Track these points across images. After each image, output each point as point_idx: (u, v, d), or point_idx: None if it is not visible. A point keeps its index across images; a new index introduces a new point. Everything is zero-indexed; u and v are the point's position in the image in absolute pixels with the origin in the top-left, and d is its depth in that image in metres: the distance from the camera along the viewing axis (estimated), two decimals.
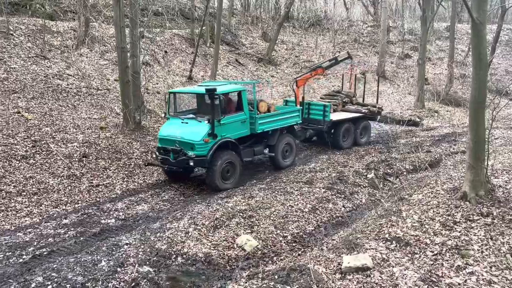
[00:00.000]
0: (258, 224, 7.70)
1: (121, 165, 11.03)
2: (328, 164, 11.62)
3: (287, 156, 11.79)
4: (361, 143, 14.23)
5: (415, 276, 5.34)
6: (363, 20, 35.38)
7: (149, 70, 17.86)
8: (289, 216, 8.14)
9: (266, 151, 11.25)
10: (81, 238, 7.35)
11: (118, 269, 5.99)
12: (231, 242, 7.09)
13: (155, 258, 6.38)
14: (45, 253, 6.74)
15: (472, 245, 5.94)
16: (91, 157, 10.98)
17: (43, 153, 10.56)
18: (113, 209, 8.76)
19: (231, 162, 9.99)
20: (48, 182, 9.57)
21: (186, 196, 9.78)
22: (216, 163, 9.58)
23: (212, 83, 11.72)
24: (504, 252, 5.73)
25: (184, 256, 6.53)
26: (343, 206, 9.03)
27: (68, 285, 5.59)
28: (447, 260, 5.67)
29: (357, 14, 37.97)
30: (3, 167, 9.59)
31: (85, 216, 8.38)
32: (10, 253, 6.75)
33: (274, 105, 12.15)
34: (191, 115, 10.29)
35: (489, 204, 6.88)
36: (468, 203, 6.98)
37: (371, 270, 5.55)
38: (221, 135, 9.78)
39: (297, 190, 9.34)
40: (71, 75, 15.27)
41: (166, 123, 10.42)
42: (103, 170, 10.61)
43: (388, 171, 11.22)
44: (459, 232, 6.29)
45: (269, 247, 7.14)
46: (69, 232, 7.60)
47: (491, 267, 5.46)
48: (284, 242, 7.37)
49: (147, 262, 6.25)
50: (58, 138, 11.39)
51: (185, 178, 10.74)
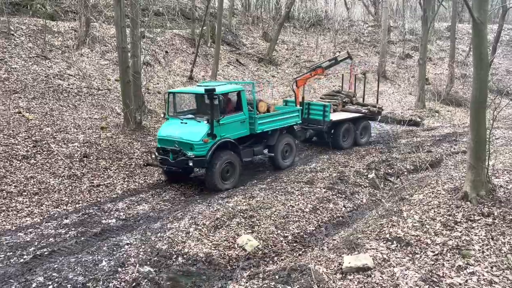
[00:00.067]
0: (259, 224, 7.69)
1: (122, 165, 11.04)
2: (329, 164, 11.61)
3: (287, 157, 11.76)
4: (361, 143, 14.21)
5: (416, 276, 5.34)
6: (364, 20, 35.38)
7: (150, 70, 17.88)
8: (290, 216, 8.13)
9: (266, 151, 11.22)
10: (82, 238, 7.35)
11: (119, 269, 5.99)
12: (232, 242, 7.08)
13: (156, 258, 6.38)
14: (46, 253, 6.75)
15: (473, 245, 5.94)
16: (92, 157, 10.99)
17: (44, 153, 10.57)
18: (114, 209, 8.76)
19: (231, 162, 9.96)
20: (49, 182, 9.58)
21: (187, 196, 9.78)
22: (216, 164, 9.55)
23: (211, 83, 11.71)
24: (505, 252, 5.73)
25: (185, 256, 6.53)
26: (344, 206, 9.02)
27: (69, 285, 5.59)
28: (448, 260, 5.67)
29: (358, 14, 37.98)
30: (4, 167, 9.60)
31: (86, 216, 8.38)
32: (11, 253, 6.76)
33: (274, 105, 12.14)
34: (190, 115, 10.25)
35: (490, 204, 6.88)
36: (469, 203, 6.98)
37: (372, 270, 5.54)
38: (221, 135, 9.74)
39: (298, 190, 9.33)
40: (72, 75, 15.29)
41: (165, 124, 10.40)
42: (104, 170, 10.62)
43: (389, 171, 11.21)
44: (460, 232, 6.29)
45: (270, 247, 7.14)
46: (70, 232, 7.61)
47: (492, 267, 5.45)
48: (285, 242, 7.36)
49: (148, 262, 6.25)
50: (59, 138, 11.40)
51: (185, 179, 10.73)
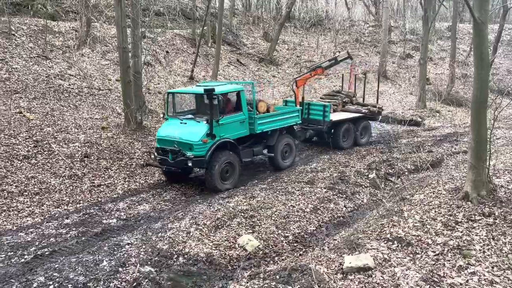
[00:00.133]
0: (260, 224, 7.69)
1: (123, 165, 11.04)
2: (330, 164, 11.60)
3: (287, 157, 11.73)
4: (362, 143, 14.19)
5: (417, 276, 5.33)
6: (365, 20, 35.37)
7: (151, 70, 17.89)
8: (291, 216, 8.13)
9: (265, 152, 11.20)
10: (83, 238, 7.36)
11: (120, 269, 6.00)
12: (233, 242, 7.08)
13: (157, 258, 6.38)
14: (47, 253, 6.76)
15: (474, 245, 5.93)
16: (93, 157, 11.00)
17: (45, 153, 10.58)
18: (115, 209, 8.77)
19: (230, 163, 9.93)
20: (50, 182, 9.59)
21: (188, 196, 9.78)
22: (215, 164, 9.53)
23: (211, 83, 11.70)
24: (506, 252, 5.72)
25: (186, 256, 6.53)
26: (345, 206, 9.02)
27: (70, 285, 5.60)
28: (449, 260, 5.66)
29: (359, 14, 37.99)
30: (5, 167, 9.61)
31: (87, 216, 8.39)
32: (12, 253, 6.77)
33: (274, 105, 12.12)
34: (190, 116, 10.24)
35: (491, 204, 6.87)
36: (470, 203, 6.97)
37: (373, 270, 5.54)
38: (220, 136, 9.72)
39: (299, 190, 9.33)
40: (73, 75, 15.31)
41: (165, 124, 10.39)
42: (105, 170, 10.63)
43: (390, 171, 11.20)
44: (461, 232, 6.28)
45: (271, 247, 7.13)
46: (71, 232, 7.61)
47: (493, 267, 5.45)
48: (286, 242, 7.36)
49: (149, 262, 6.25)
50: (60, 138, 11.41)
51: (185, 179, 10.72)
